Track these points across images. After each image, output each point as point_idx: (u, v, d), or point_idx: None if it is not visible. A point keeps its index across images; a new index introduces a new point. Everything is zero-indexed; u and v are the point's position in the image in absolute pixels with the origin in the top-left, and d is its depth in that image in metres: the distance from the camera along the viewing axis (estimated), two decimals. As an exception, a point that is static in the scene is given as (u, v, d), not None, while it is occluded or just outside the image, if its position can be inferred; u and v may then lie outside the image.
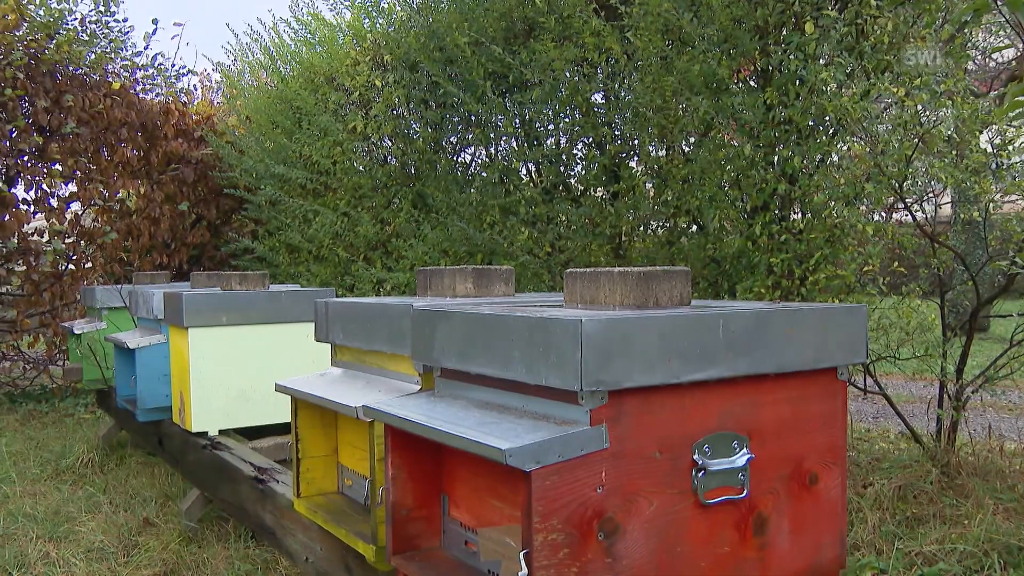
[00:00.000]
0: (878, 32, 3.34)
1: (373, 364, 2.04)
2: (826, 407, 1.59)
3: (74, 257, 6.61)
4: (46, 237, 6.58)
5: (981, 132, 3.65)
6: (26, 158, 6.34)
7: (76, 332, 4.59)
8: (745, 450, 1.47)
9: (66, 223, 6.56)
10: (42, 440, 5.04)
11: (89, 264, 6.68)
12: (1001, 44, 3.60)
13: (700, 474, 1.42)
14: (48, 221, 6.48)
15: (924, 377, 4.28)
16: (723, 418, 1.45)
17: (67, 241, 6.55)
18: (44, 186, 6.40)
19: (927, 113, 3.52)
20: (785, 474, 1.54)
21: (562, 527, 1.27)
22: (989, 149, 3.72)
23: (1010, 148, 3.82)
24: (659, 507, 1.38)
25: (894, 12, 3.46)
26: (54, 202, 6.47)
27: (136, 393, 3.65)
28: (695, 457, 1.41)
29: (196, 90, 8.29)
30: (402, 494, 1.67)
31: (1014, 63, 4.28)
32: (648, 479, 1.36)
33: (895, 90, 3.33)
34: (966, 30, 3.61)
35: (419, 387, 1.80)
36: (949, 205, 4.44)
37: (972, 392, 3.70)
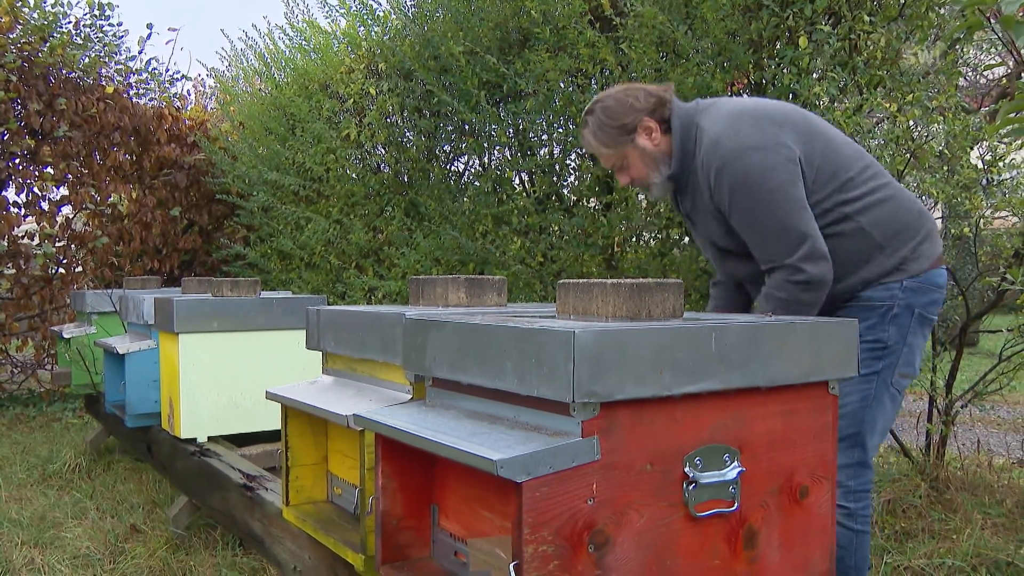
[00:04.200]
0: (871, 47, 3.36)
1: (364, 372, 2.03)
2: (817, 421, 1.59)
3: (64, 261, 6.58)
4: (36, 240, 6.55)
5: (972, 148, 3.67)
6: (17, 161, 6.31)
7: (65, 336, 4.56)
8: (736, 463, 1.47)
9: (57, 227, 6.54)
10: (29, 445, 5.01)
11: (79, 268, 6.65)
12: (993, 62, 3.63)
13: (691, 487, 1.41)
14: (39, 224, 6.45)
15: (914, 391, 4.29)
16: (714, 431, 1.45)
17: (57, 245, 6.52)
18: (35, 189, 6.38)
19: (919, 128, 3.54)
20: (776, 488, 1.54)
21: (552, 539, 1.27)
22: (980, 165, 3.74)
23: (1000, 164, 3.84)
24: (650, 519, 1.38)
25: (887, 28, 3.48)
26: (45, 205, 6.45)
27: (125, 399, 3.63)
28: (686, 470, 1.41)
29: (190, 95, 8.27)
30: (392, 503, 1.66)
31: (1004, 80, 4.31)
32: (639, 491, 1.36)
33: (887, 105, 3.35)
34: (958, 47, 3.63)
35: (410, 396, 1.80)
36: (940, 220, 4.46)
37: (961, 407, 3.72)
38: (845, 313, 2.20)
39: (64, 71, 6.41)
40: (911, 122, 3.43)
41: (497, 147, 4.63)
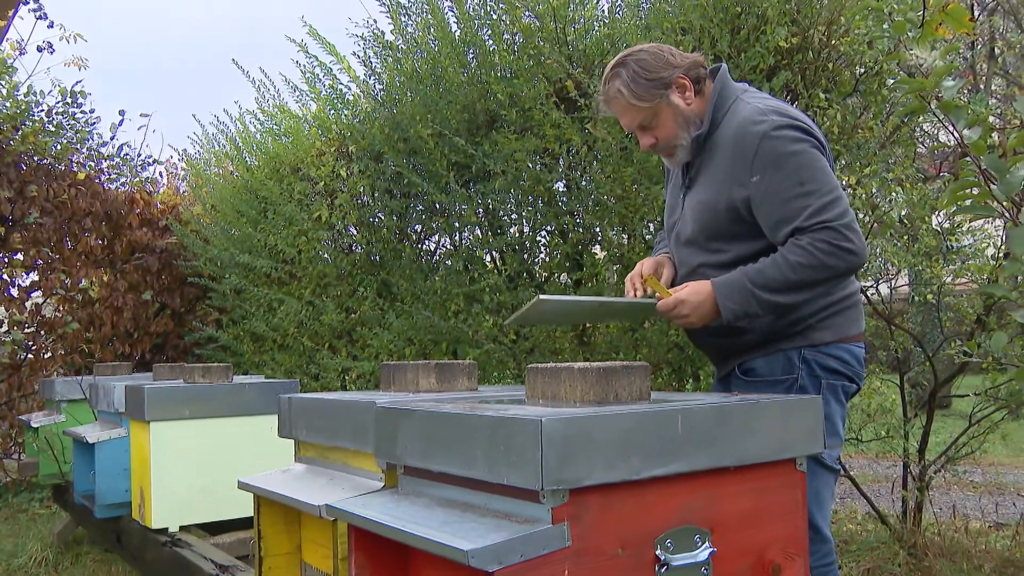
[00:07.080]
0: (827, 123, 3.46)
1: (336, 460, 2.02)
2: (787, 498, 1.61)
3: (33, 347, 6.52)
4: (5, 327, 6.49)
5: (930, 216, 3.77)
6: (-13, 248, 6.30)
7: (33, 425, 4.49)
8: (707, 544, 1.47)
9: (26, 313, 6.48)
10: (-5, 538, 4.89)
11: (49, 355, 6.58)
12: (946, 142, 3.74)
13: (663, 569, 1.42)
14: (7, 311, 6.40)
15: (888, 456, 4.31)
16: (684, 512, 1.46)
17: (27, 331, 6.46)
18: (4, 276, 6.35)
19: (879, 198, 3.64)
20: (748, 567, 1.54)
21: (526, 629, 1.27)
22: (939, 231, 3.84)
23: (958, 231, 3.94)
24: (623, 605, 1.37)
25: (842, 103, 3.60)
26: (14, 292, 6.41)
27: (95, 488, 3.57)
28: (657, 552, 1.42)
29: (162, 178, 8.31)
30: (365, 595, 1.65)
31: (959, 150, 4.44)
32: (611, 576, 1.36)
33: (846, 178, 3.45)
34: (908, 120, 3.75)
35: (382, 484, 1.79)
36: (907, 287, 4.55)
37: (935, 472, 3.74)
38: (748, 389, 2.14)
39: (36, 158, 6.44)
40: (873, 189, 3.52)
41: (467, 226, 4.68)
